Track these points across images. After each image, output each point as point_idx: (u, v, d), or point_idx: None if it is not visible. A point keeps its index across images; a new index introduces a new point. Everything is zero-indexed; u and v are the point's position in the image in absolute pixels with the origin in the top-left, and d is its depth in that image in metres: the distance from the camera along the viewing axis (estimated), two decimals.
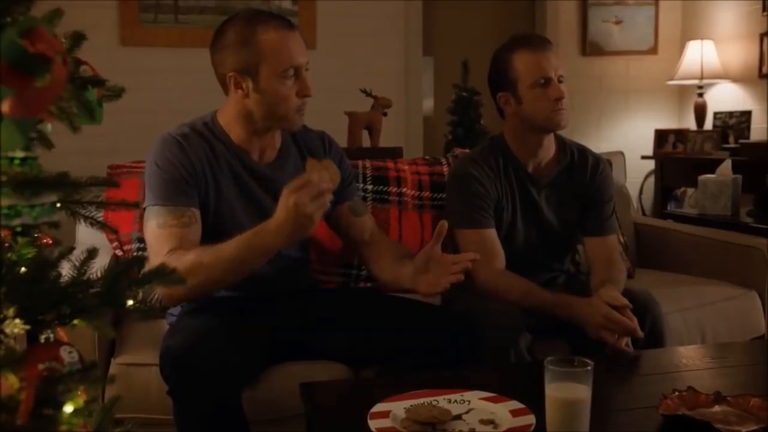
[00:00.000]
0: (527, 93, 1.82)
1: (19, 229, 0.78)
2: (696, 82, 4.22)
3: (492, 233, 1.86)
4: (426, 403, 1.22)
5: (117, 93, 0.88)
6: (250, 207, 1.65)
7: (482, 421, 1.17)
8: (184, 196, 1.57)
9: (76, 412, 0.74)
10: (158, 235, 1.54)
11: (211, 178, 1.62)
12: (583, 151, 1.99)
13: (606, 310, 1.63)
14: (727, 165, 3.37)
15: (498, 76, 1.87)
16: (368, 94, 3.07)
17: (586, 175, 1.94)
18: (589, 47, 4.54)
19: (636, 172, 4.35)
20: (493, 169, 1.89)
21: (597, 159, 1.99)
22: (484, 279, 1.80)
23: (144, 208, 1.60)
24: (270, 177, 1.67)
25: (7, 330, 0.72)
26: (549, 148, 1.92)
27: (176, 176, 1.57)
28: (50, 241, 0.84)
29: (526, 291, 1.76)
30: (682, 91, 4.60)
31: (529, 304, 1.74)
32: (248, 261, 1.46)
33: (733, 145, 3.92)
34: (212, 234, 1.61)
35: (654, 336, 1.76)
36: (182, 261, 1.42)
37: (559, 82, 1.82)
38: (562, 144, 1.97)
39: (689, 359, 1.59)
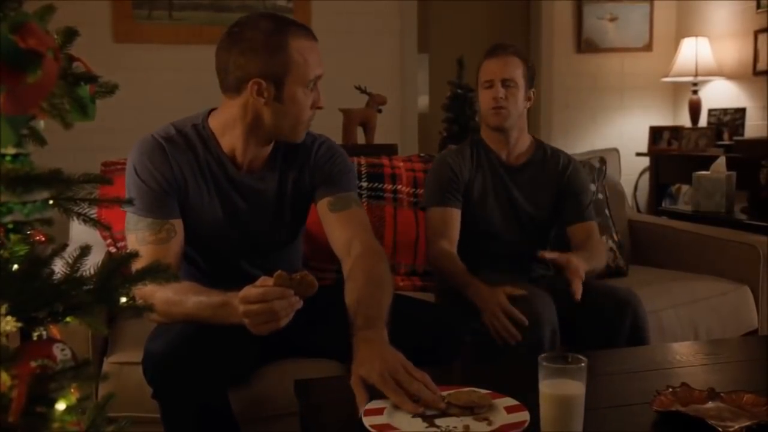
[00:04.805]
0: (480, 93, 2.07)
1: (11, 226, 0.78)
2: (690, 79, 4.23)
3: (455, 213, 2.05)
4: (467, 390, 1.24)
5: (110, 90, 0.87)
6: (230, 217, 1.63)
7: (477, 418, 1.17)
8: (163, 207, 1.55)
9: (68, 409, 0.74)
10: (137, 251, 1.52)
11: (193, 185, 1.59)
12: (556, 151, 2.17)
13: (502, 299, 1.78)
14: (721, 162, 3.38)
15: (476, 76, 2.12)
16: (363, 91, 3.07)
17: (558, 168, 2.12)
18: (584, 44, 4.54)
19: (631, 169, 4.36)
20: (467, 158, 2.11)
21: (568, 158, 2.16)
22: (431, 256, 2.05)
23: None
24: (253, 188, 1.64)
25: (0, 327, 0.72)
26: (518, 143, 2.11)
27: (155, 187, 1.54)
28: (43, 238, 0.83)
29: (453, 272, 1.94)
30: (677, 88, 4.61)
31: (455, 283, 1.92)
32: (210, 322, 1.41)
33: (727, 142, 3.93)
34: (193, 241, 1.60)
35: (636, 332, 1.82)
36: (153, 297, 1.39)
37: (506, 86, 2.00)
38: (539, 143, 2.16)
39: (683, 356, 1.59)
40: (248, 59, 1.51)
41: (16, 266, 0.75)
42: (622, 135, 4.56)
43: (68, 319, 0.77)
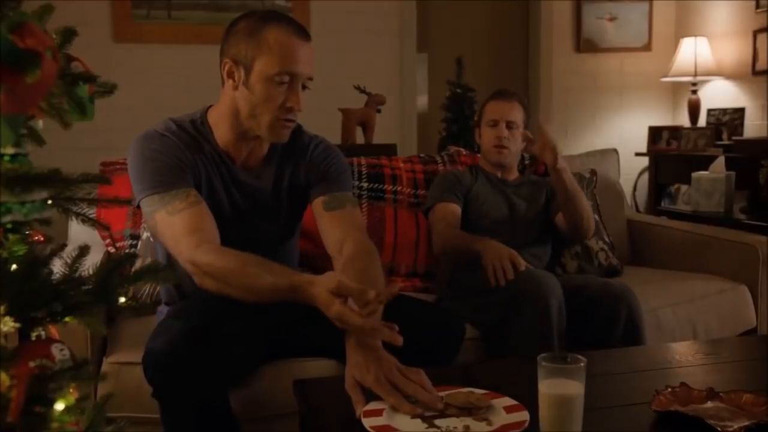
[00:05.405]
0: (483, 129, 2.29)
1: (9, 226, 0.78)
2: (690, 79, 4.23)
3: (455, 207, 2.22)
4: (465, 391, 1.24)
5: (109, 89, 0.87)
6: (232, 212, 1.62)
7: (476, 418, 1.17)
8: (181, 179, 1.52)
9: (67, 409, 0.74)
10: (171, 223, 1.47)
11: (203, 171, 1.58)
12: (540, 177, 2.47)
13: (513, 251, 1.89)
14: (720, 162, 3.38)
15: (478, 114, 2.37)
16: (362, 91, 3.06)
17: (544, 180, 2.36)
18: (584, 44, 4.54)
19: (630, 169, 4.36)
20: (467, 174, 2.32)
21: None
22: (436, 235, 2.18)
23: (138, 204, 1.54)
24: (250, 184, 1.64)
25: None
26: (512, 171, 2.35)
27: (169, 162, 1.52)
28: (42, 238, 0.83)
29: (459, 234, 2.12)
30: (676, 88, 4.61)
31: (462, 247, 2.05)
32: (279, 299, 1.40)
33: (726, 142, 3.93)
34: None
35: (631, 327, 1.86)
36: (216, 263, 1.39)
37: (509, 128, 2.24)
38: (525, 174, 2.45)
39: (682, 355, 1.59)
40: (227, 44, 1.54)
41: (14, 266, 0.75)
42: (621, 135, 4.56)
43: (67, 319, 0.76)
